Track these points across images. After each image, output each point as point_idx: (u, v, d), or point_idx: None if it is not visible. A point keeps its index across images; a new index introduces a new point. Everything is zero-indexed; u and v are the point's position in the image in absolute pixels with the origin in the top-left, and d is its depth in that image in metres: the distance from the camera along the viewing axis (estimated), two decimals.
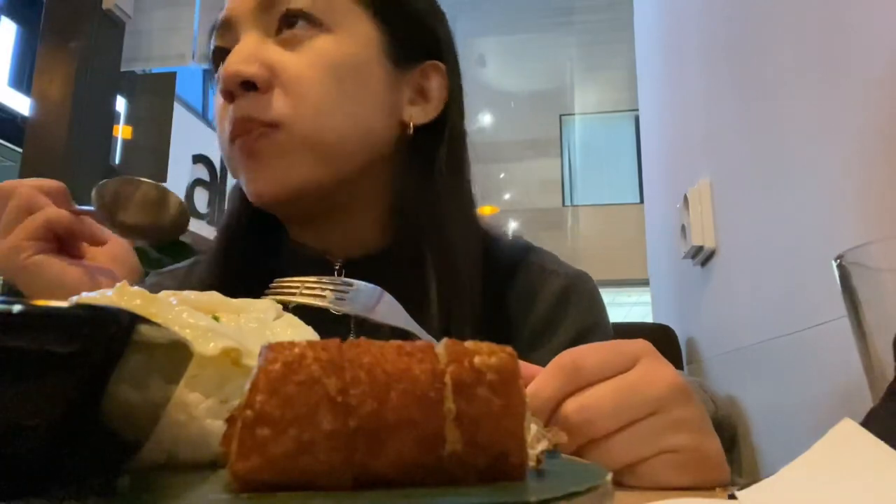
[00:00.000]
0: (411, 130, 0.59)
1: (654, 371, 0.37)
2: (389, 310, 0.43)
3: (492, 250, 0.62)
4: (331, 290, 0.43)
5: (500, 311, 0.51)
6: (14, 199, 0.54)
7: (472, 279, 0.56)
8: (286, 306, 0.39)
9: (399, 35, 0.59)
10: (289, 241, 0.63)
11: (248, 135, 0.54)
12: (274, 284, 0.46)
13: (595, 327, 0.60)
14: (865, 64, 0.86)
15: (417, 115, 0.59)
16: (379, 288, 0.44)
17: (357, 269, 0.58)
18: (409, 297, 0.55)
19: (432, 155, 0.59)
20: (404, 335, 0.43)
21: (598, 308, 0.62)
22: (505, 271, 0.61)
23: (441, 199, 0.58)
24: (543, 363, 0.42)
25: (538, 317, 0.59)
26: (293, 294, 0.44)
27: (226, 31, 0.58)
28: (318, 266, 0.59)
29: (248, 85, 0.53)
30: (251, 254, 0.61)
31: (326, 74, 0.54)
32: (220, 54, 0.58)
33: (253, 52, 0.53)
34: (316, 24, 0.55)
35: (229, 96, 0.54)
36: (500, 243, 0.65)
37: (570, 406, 0.36)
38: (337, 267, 0.59)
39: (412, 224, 0.58)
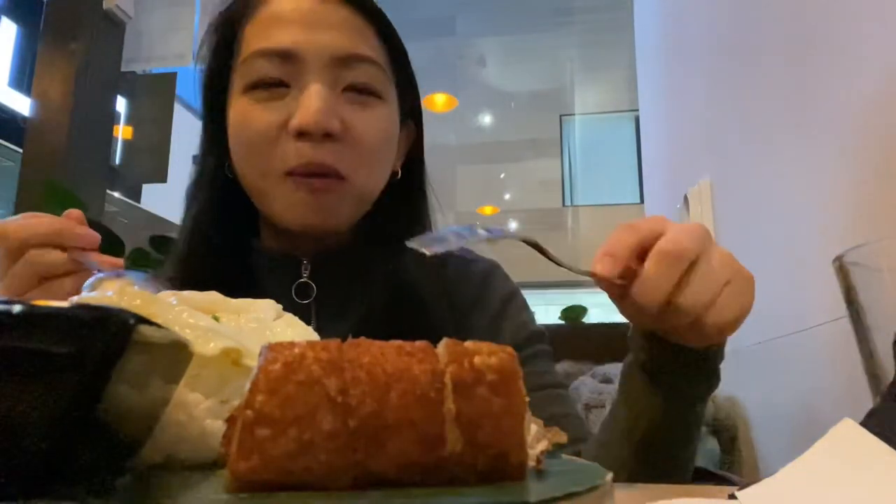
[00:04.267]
0: (399, 176, 0.70)
1: (685, 226, 0.45)
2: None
3: None
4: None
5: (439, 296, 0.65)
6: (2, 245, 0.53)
7: (418, 268, 0.67)
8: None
9: (406, 104, 0.69)
10: (258, 242, 0.69)
11: (318, 178, 0.60)
12: None
13: (516, 293, 0.74)
14: (866, 65, 0.86)
15: (396, 162, 0.71)
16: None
17: (322, 263, 0.66)
18: (362, 287, 0.66)
19: (404, 182, 0.71)
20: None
21: (511, 281, 0.76)
22: (437, 264, 0.71)
23: (404, 212, 0.70)
24: (479, 330, 0.68)
25: (468, 294, 0.71)
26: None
27: (284, 62, 0.61)
28: (287, 262, 0.66)
29: (327, 135, 0.59)
30: (219, 254, 0.66)
31: (381, 138, 0.64)
32: (263, 67, 0.61)
33: (333, 106, 0.60)
34: (376, 94, 0.63)
35: (305, 136, 0.59)
36: None
37: (664, 240, 0.43)
38: (304, 263, 0.66)
39: (378, 233, 0.68)
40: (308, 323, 0.61)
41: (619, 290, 0.45)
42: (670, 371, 0.50)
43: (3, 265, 0.52)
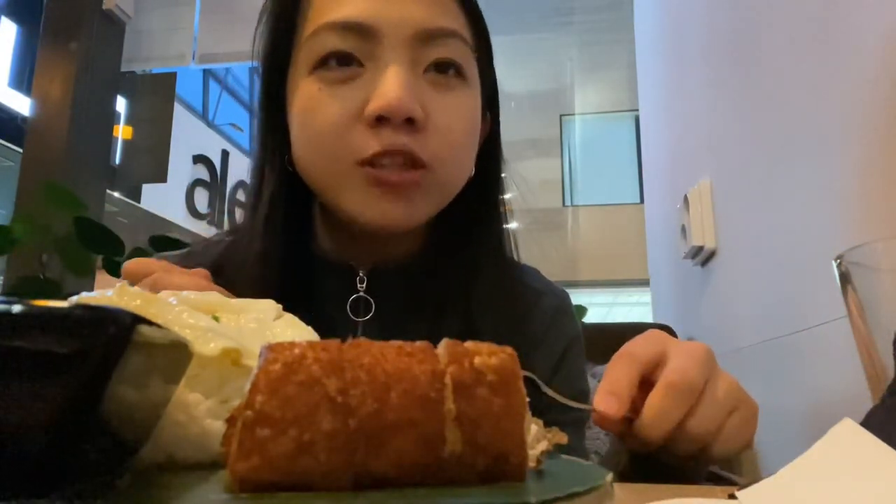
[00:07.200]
0: (473, 172, 0.62)
1: (690, 351, 0.43)
2: None
3: None
4: None
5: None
6: (145, 286, 0.47)
7: (492, 294, 0.61)
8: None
9: (486, 88, 0.62)
10: (314, 246, 0.63)
11: (397, 169, 0.53)
12: None
13: (579, 337, 0.68)
14: (866, 65, 0.86)
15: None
16: None
17: (381, 278, 0.61)
18: (427, 307, 0.59)
19: (478, 182, 0.63)
20: None
21: (577, 322, 0.71)
22: (510, 287, 0.65)
23: (474, 221, 0.63)
24: (539, 371, 0.53)
25: (534, 331, 0.64)
26: None
27: (358, 37, 0.53)
28: (343, 273, 0.61)
29: (408, 121, 0.53)
30: (282, 261, 0.59)
31: (467, 125, 0.57)
32: (333, 43, 0.54)
33: (415, 89, 0.53)
34: (461, 75, 0.56)
35: (383, 122, 0.53)
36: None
37: (669, 371, 0.41)
38: (360, 275, 0.61)
39: (444, 241, 0.62)
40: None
41: (624, 425, 0.41)
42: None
43: None
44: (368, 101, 0.52)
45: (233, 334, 0.30)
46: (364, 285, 0.60)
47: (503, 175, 0.69)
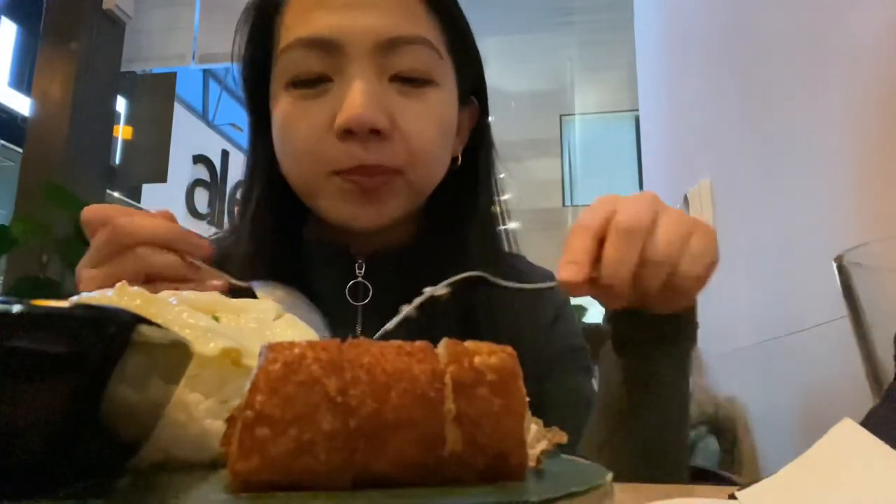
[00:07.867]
0: (459, 163, 0.65)
1: (634, 198, 0.45)
2: None
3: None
4: None
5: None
6: (105, 230, 0.50)
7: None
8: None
9: (466, 82, 0.64)
10: (312, 235, 0.66)
11: (370, 177, 0.56)
12: None
13: (568, 301, 0.72)
14: (864, 66, 0.86)
15: (457, 147, 0.65)
16: None
17: (378, 263, 0.63)
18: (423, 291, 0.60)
19: (467, 170, 0.66)
20: None
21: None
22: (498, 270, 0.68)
23: (467, 208, 0.65)
24: (534, 333, 0.65)
25: (525, 301, 0.67)
26: None
27: (323, 52, 0.56)
28: (341, 259, 0.63)
29: (374, 132, 0.55)
30: (278, 247, 0.62)
31: (437, 128, 0.59)
32: (301, 60, 0.57)
33: (379, 100, 0.55)
34: (429, 80, 0.59)
35: (351, 134, 0.55)
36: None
37: (616, 220, 0.43)
38: (359, 262, 0.63)
39: (438, 228, 0.65)
40: (353, 327, 0.57)
41: (592, 288, 0.43)
42: (638, 341, 0.51)
43: (101, 253, 0.49)
44: (336, 114, 0.55)
45: (233, 334, 0.30)
46: (363, 271, 0.63)
47: (501, 175, 0.70)
